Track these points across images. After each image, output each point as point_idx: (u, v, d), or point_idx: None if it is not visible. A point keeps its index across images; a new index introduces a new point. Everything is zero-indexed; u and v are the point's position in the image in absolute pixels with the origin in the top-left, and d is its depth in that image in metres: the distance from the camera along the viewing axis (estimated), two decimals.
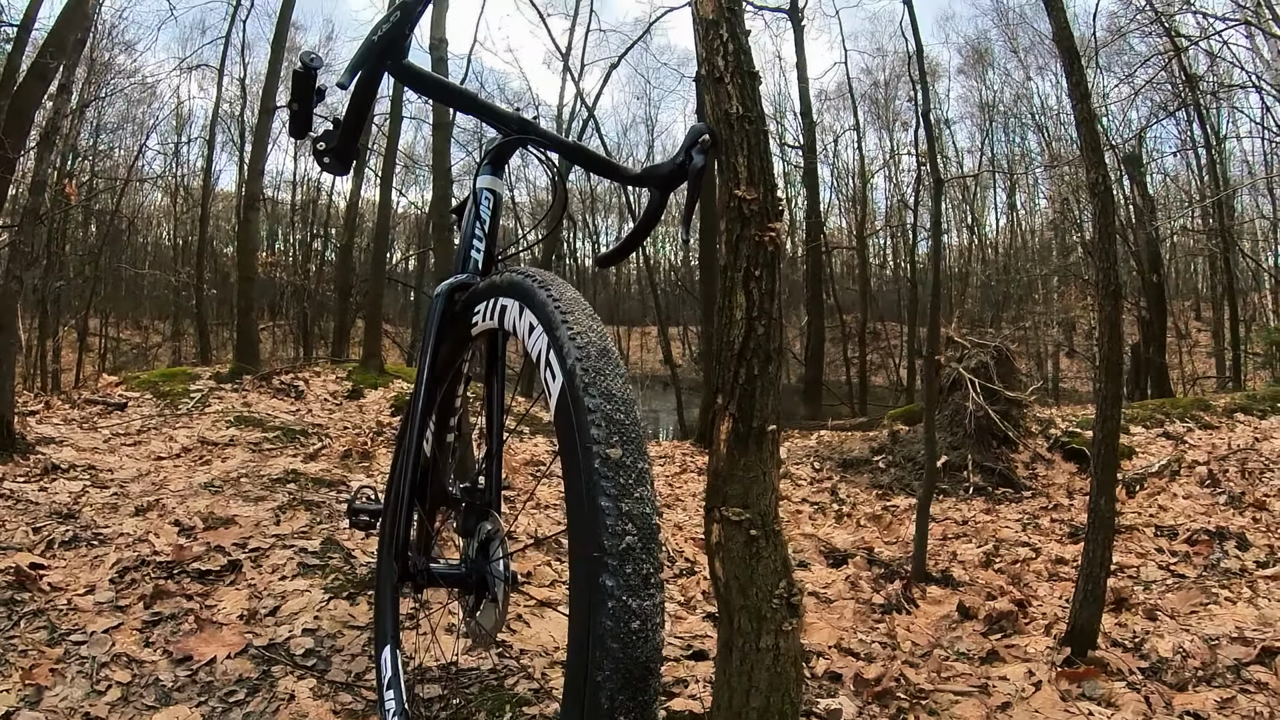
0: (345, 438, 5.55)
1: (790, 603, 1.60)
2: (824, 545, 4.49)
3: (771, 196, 1.60)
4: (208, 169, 18.08)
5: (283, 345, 20.36)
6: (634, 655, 0.85)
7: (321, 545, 2.94)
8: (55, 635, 2.17)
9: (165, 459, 4.58)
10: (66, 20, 5.91)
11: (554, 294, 1.12)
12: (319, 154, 1.54)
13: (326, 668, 2.10)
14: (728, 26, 1.63)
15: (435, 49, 4.86)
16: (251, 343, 9.25)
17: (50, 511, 3.19)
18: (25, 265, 4.87)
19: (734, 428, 1.61)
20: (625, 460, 0.93)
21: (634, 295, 32.03)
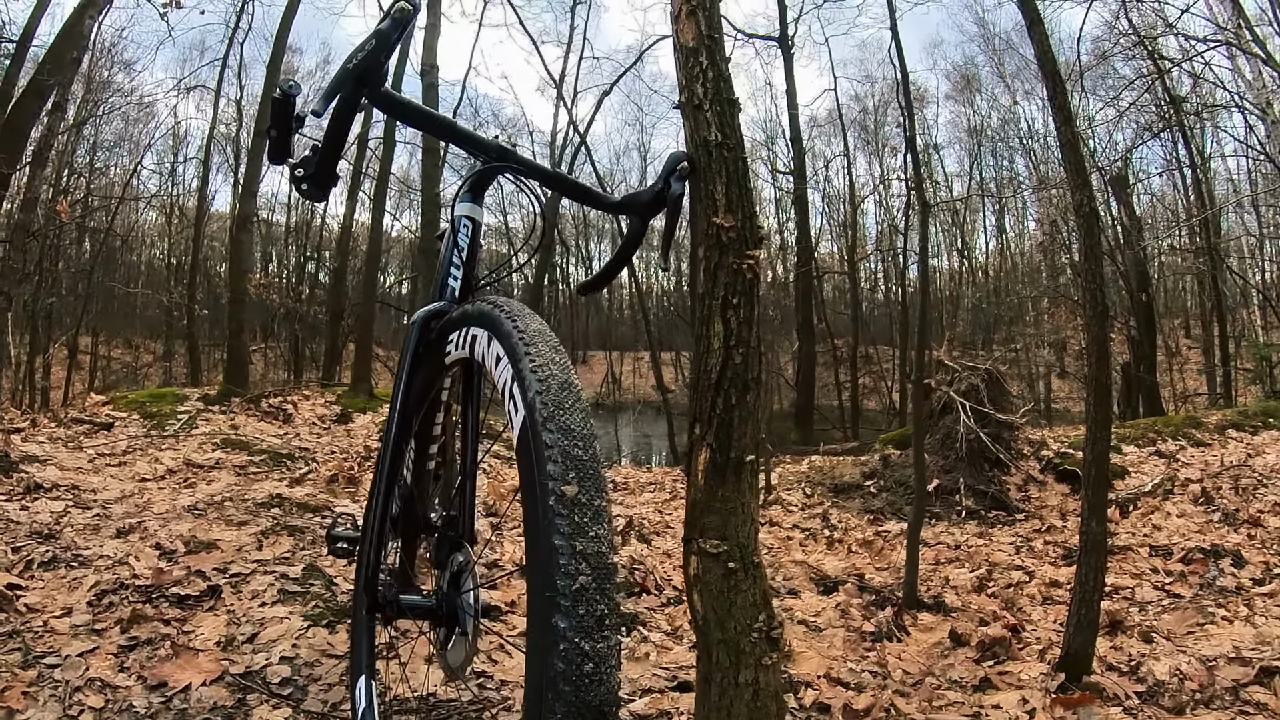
0: (332, 462, 5.51)
1: (770, 636, 1.58)
2: (815, 572, 4.45)
3: (750, 224, 1.60)
4: (203, 189, 18.14)
5: (274, 367, 20.33)
6: (586, 699, 0.83)
7: (303, 572, 2.90)
8: (29, 658, 2.14)
9: (149, 480, 4.54)
10: (65, 37, 5.94)
11: (519, 325, 1.10)
12: (297, 180, 1.52)
13: (303, 697, 2.06)
14: (707, 54, 1.64)
15: (426, 74, 4.92)
16: (241, 364, 9.22)
17: (31, 531, 3.16)
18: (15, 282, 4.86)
19: (711, 458, 1.60)
20: (581, 498, 0.91)
21: (627, 320, 32.11)
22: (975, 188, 22.87)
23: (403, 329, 19.99)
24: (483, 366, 1.18)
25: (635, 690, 2.32)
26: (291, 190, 22.83)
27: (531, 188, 1.70)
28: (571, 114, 14.72)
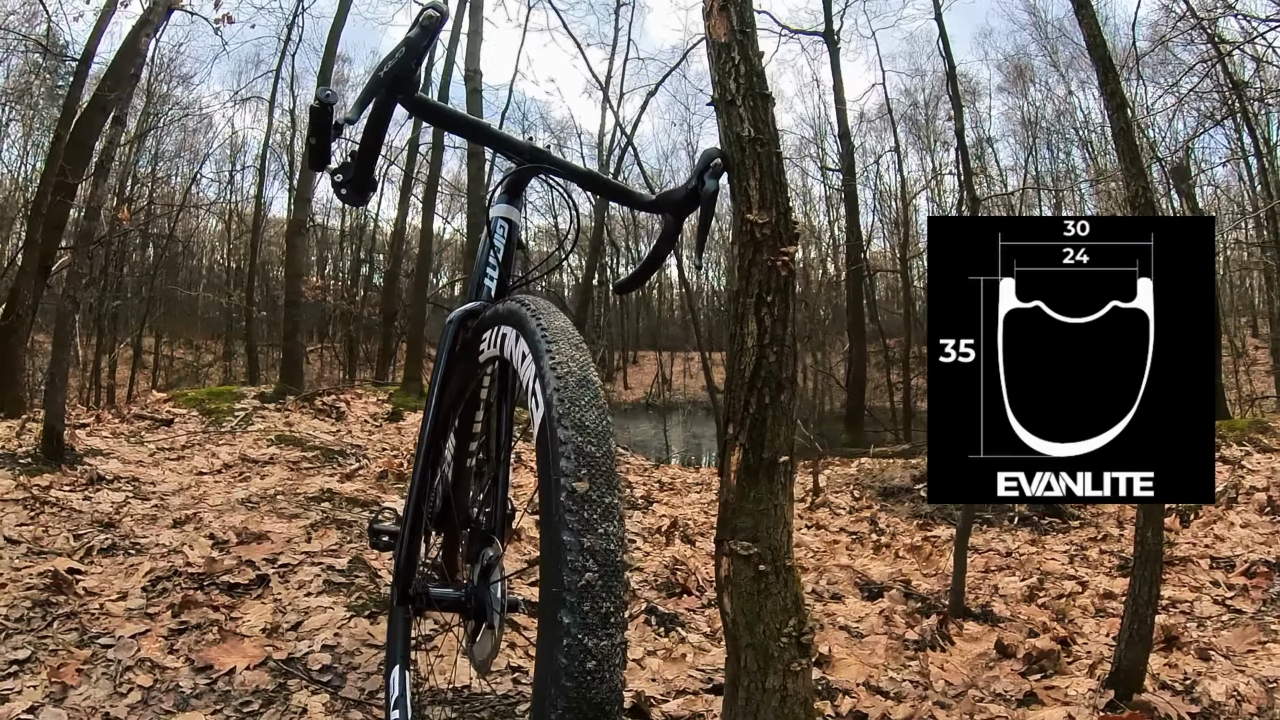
0: (382, 459, 5.61)
1: (800, 642, 1.56)
2: (860, 577, 4.39)
3: (785, 220, 1.59)
4: (259, 196, 18.78)
5: (330, 367, 20.83)
6: (588, 696, 0.83)
7: (349, 564, 2.97)
8: (85, 637, 2.25)
9: (206, 474, 4.68)
10: (124, 55, 6.22)
11: (543, 323, 1.11)
12: (337, 186, 1.56)
13: (341, 684, 2.12)
14: (739, 49, 1.63)
15: (470, 80, 4.99)
16: (296, 364, 9.47)
17: (92, 520, 3.30)
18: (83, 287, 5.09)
19: (744, 459, 1.58)
20: (592, 494, 0.91)
21: (677, 320, 32.03)
22: (1031, 181, 22.14)
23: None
24: (511, 364, 1.19)
25: (670, 691, 2.31)
26: None
27: (566, 188, 1.71)
28: (618, 116, 14.80)
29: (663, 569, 3.53)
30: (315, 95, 1.46)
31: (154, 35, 6.62)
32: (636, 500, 5.46)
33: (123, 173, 15.20)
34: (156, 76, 15.19)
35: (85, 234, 5.34)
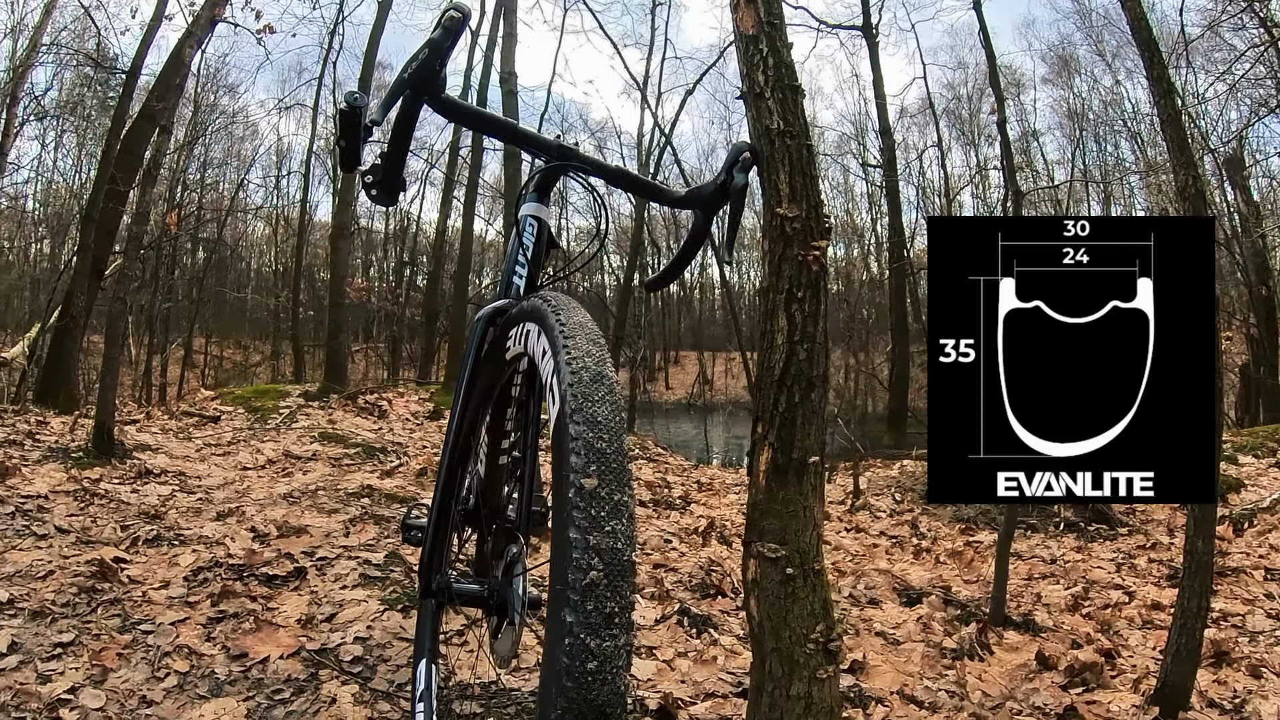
0: (422, 456, 5.67)
1: (827, 649, 1.53)
2: (898, 582, 4.32)
3: (816, 214, 1.56)
4: (304, 200, 19.14)
5: (374, 367, 21.17)
6: (588, 697, 0.82)
7: (385, 558, 3.01)
8: (127, 623, 2.33)
9: (250, 469, 4.78)
10: (170, 67, 6.44)
11: (562, 318, 1.11)
12: (367, 186, 1.58)
13: (371, 676, 2.16)
14: (767, 41, 1.61)
15: (505, 82, 5.03)
16: (340, 363, 9.65)
17: (139, 512, 3.40)
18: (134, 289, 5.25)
19: (773, 458, 1.56)
20: (600, 491, 0.90)
21: (718, 320, 31.87)
22: (1078, 174, 21.46)
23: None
24: (534, 360, 1.19)
25: (698, 693, 2.30)
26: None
27: (594, 185, 1.71)
28: (656, 115, 14.75)
29: (697, 570, 3.51)
30: (343, 98, 1.48)
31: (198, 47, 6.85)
32: (674, 500, 5.44)
33: (172, 179, 15.68)
34: (203, 86, 15.61)
35: (135, 239, 5.54)
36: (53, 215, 19.15)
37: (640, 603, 3.01)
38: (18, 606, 2.35)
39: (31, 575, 2.58)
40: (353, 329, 17.87)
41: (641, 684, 2.32)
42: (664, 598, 3.12)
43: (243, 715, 1.94)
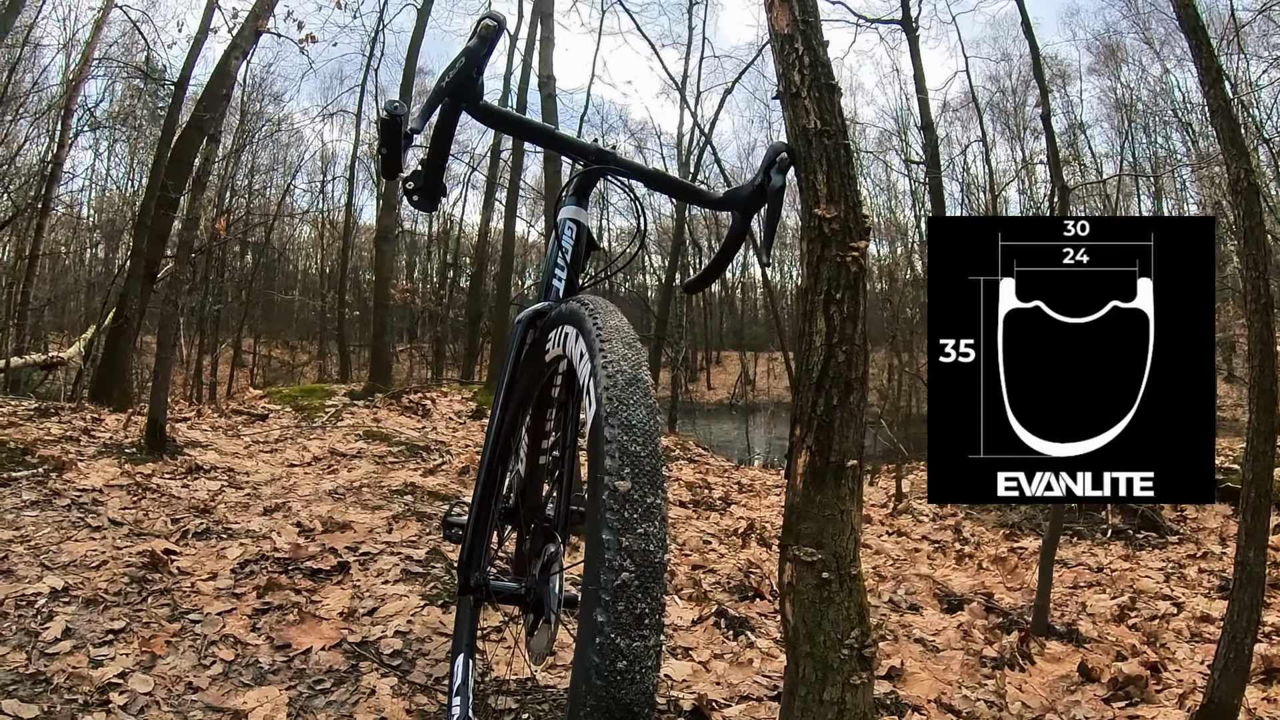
0: (465, 455, 5.73)
1: (862, 655, 1.52)
2: (940, 588, 4.25)
3: (854, 214, 1.55)
4: (349, 204, 19.63)
5: (418, 367, 21.48)
6: (617, 696, 0.83)
7: (427, 555, 3.06)
8: (175, 612, 2.41)
9: (297, 466, 4.88)
10: (217, 78, 6.66)
11: (599, 322, 1.12)
12: (408, 193, 1.62)
13: (409, 669, 2.20)
14: (803, 39, 1.60)
15: (544, 86, 5.07)
16: (385, 363, 9.81)
17: (189, 506, 3.49)
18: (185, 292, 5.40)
19: (810, 461, 1.56)
20: (634, 494, 0.91)
21: (760, 320, 31.65)
22: (1127, 167, 20.78)
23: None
24: (572, 363, 1.20)
25: (733, 695, 2.29)
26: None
27: (633, 188, 1.72)
28: (695, 115, 14.71)
29: (736, 571, 3.50)
30: (384, 107, 1.52)
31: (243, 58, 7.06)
32: (714, 501, 5.44)
33: (221, 186, 16.10)
34: (249, 95, 16.07)
35: (186, 243, 5.72)
36: (106, 221, 19.87)
37: (677, 603, 3.02)
38: (72, 594, 2.44)
39: (85, 565, 2.68)
40: (397, 330, 18.17)
41: (676, 684, 2.32)
42: (702, 599, 3.12)
43: (285, 704, 1.99)
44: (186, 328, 15.07)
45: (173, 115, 9.24)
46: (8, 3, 7.78)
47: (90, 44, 12.90)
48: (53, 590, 2.45)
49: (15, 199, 13.75)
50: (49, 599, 2.40)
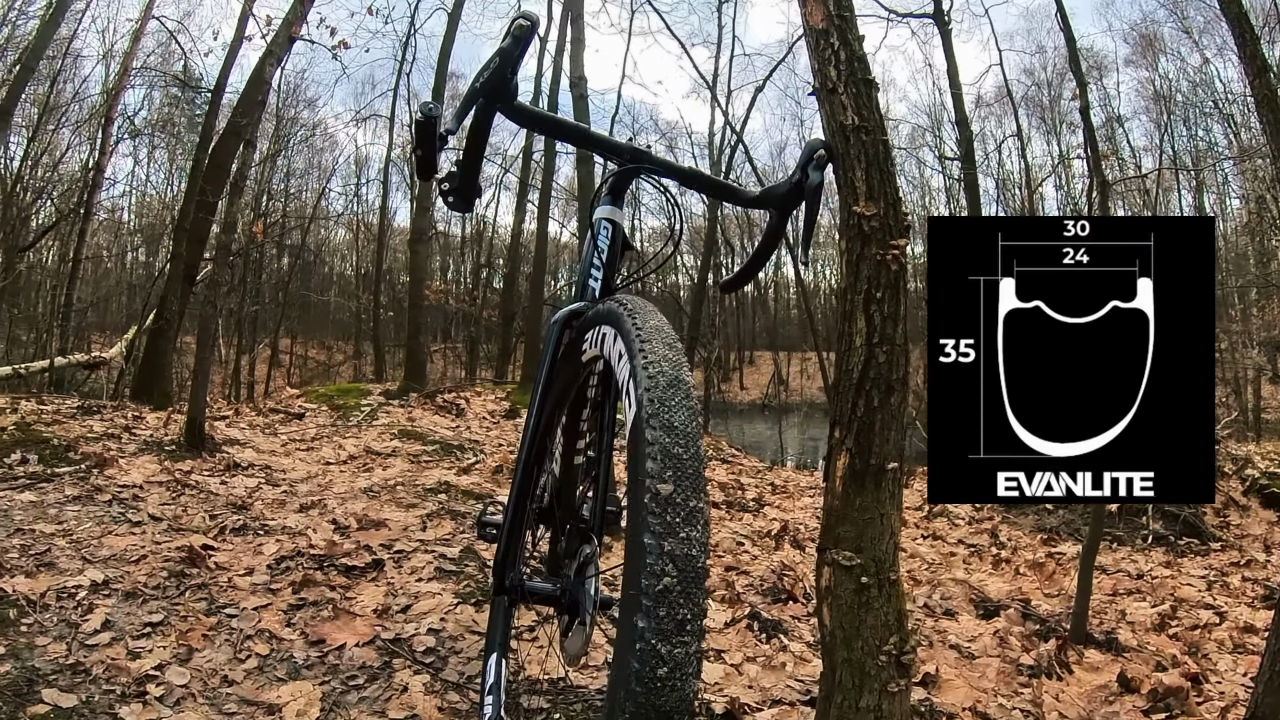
0: (498, 454, 5.76)
1: (900, 661, 1.49)
2: (975, 593, 4.18)
3: (894, 211, 1.53)
4: (383, 206, 19.93)
5: (452, 366, 21.70)
6: (656, 703, 0.81)
7: (460, 553, 3.08)
8: (212, 607, 2.45)
9: (333, 464, 4.94)
10: (252, 84, 6.78)
11: (638, 322, 1.11)
12: (444, 194, 1.62)
13: (442, 666, 2.21)
14: (838, 34, 1.58)
15: (575, 86, 5.09)
16: (420, 363, 9.92)
17: (227, 502, 3.56)
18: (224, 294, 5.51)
19: (850, 464, 1.54)
20: (676, 497, 0.89)
21: (794, 320, 31.42)
22: (1167, 161, 20.19)
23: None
24: (610, 363, 1.19)
25: (765, 699, 2.27)
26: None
27: (667, 187, 1.70)
28: (727, 114, 14.65)
29: (769, 573, 3.47)
30: (419, 108, 1.52)
31: (278, 64, 7.20)
32: (747, 502, 5.41)
33: (258, 190, 16.46)
34: (284, 101, 16.36)
35: (224, 246, 5.84)
36: (146, 225, 20.40)
37: (710, 605, 3.00)
38: (112, 587, 2.50)
39: (125, 559, 2.74)
40: (431, 330, 18.39)
41: (708, 687, 2.30)
42: (734, 601, 3.10)
43: (318, 698, 2.01)
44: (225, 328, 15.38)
45: (210, 122, 9.47)
46: (47, 15, 8.00)
47: (129, 54, 13.30)
48: (93, 583, 2.51)
49: (58, 205, 14.19)
50: (89, 592, 2.45)
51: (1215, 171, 19.94)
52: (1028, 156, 21.46)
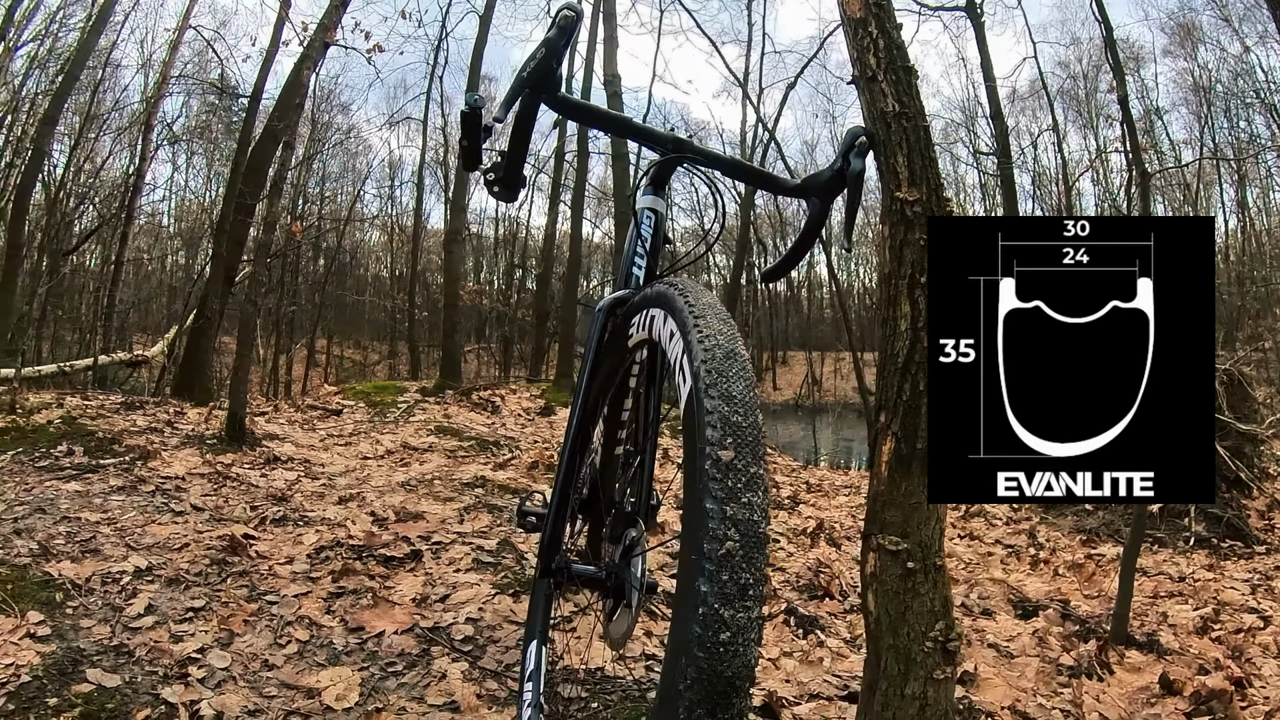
0: (534, 450, 5.79)
1: (946, 648, 1.48)
2: (1014, 593, 4.12)
3: (937, 197, 1.52)
4: (418, 208, 20.21)
5: (486, 366, 21.91)
6: (719, 669, 0.80)
7: (498, 545, 3.11)
8: (253, 594, 2.51)
9: (370, 459, 5.00)
10: (289, 90, 6.92)
11: (690, 300, 1.11)
12: (489, 184, 1.64)
13: (480, 655, 2.23)
14: (876, 22, 1.58)
15: (609, 84, 5.11)
16: (455, 361, 10.03)
17: (267, 494, 3.62)
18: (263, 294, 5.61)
19: (896, 448, 1.53)
20: (737, 463, 0.89)
21: (827, 319, 31.20)
22: (1207, 154, 19.63)
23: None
24: (659, 345, 1.20)
25: (803, 694, 2.26)
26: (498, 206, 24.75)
27: (709, 175, 1.71)
28: (759, 111, 14.59)
29: (805, 570, 3.46)
30: (465, 100, 1.54)
31: (314, 68, 7.33)
32: (783, 501, 5.38)
33: (294, 193, 16.80)
34: (319, 106, 16.69)
35: (263, 247, 5.96)
36: (186, 229, 20.91)
37: None
38: (155, 574, 2.56)
39: (169, 547, 2.81)
40: (466, 329, 18.60)
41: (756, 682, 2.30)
42: (771, 597, 3.09)
43: (357, 684, 2.04)
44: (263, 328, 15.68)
45: (248, 126, 9.72)
46: (88, 27, 8.23)
47: (167, 63, 13.72)
48: (137, 569, 2.57)
49: (101, 210, 14.61)
50: (133, 577, 2.52)
51: (1258, 164, 19.39)
52: (1064, 151, 20.99)
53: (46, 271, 12.80)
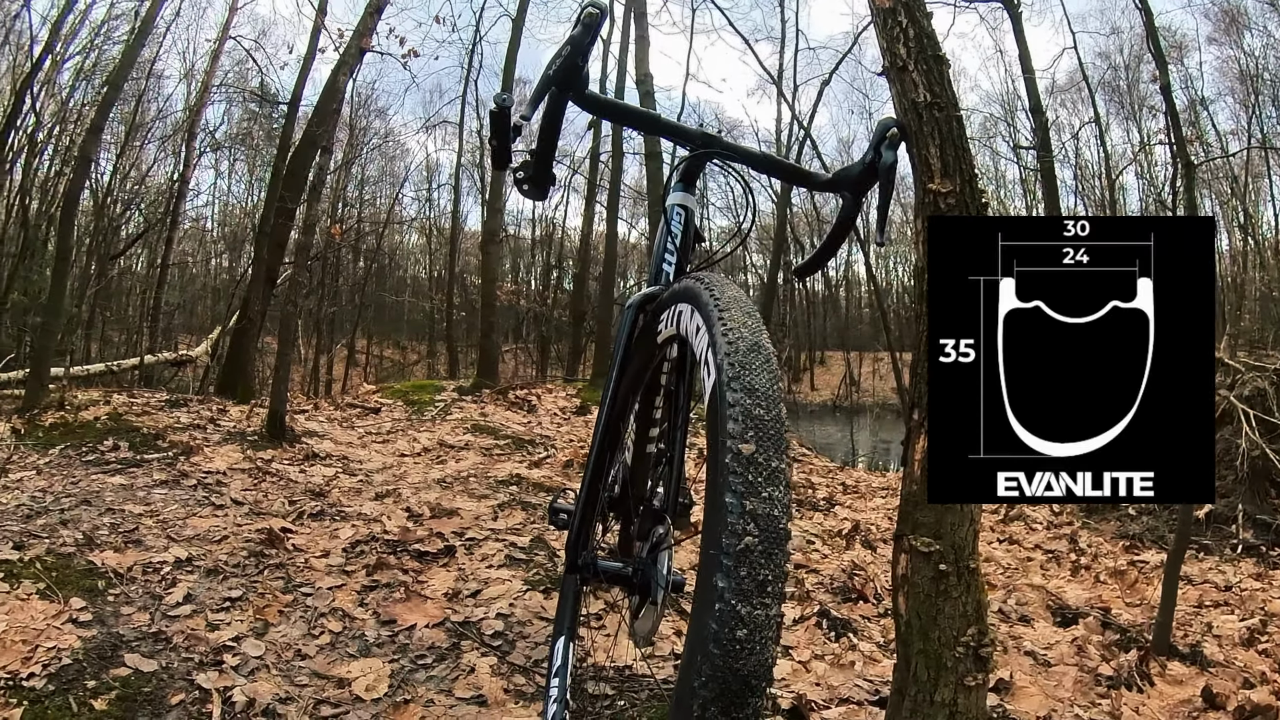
0: (569, 449, 5.81)
1: (978, 654, 1.45)
2: (1053, 600, 4.04)
3: (970, 188, 1.49)
4: (455, 210, 20.51)
5: (523, 365, 22.07)
6: (734, 666, 0.78)
7: (530, 542, 3.13)
8: (289, 585, 2.56)
9: (407, 456, 5.07)
10: (326, 95, 7.09)
11: (715, 294, 1.10)
12: (518, 182, 1.65)
13: (509, 650, 2.25)
14: (905, 12, 1.56)
15: (642, 84, 5.12)
16: (492, 361, 10.12)
17: (305, 489, 3.70)
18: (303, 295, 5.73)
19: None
20: (758, 457, 0.87)
21: (865, 319, 30.80)
22: (1254, 144, 18.90)
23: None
24: (687, 340, 1.19)
25: (832, 698, 2.23)
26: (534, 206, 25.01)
27: (740, 171, 1.70)
28: (794, 108, 14.48)
29: (839, 572, 3.42)
30: (493, 99, 1.55)
31: (350, 74, 7.47)
32: (818, 501, 5.33)
33: (334, 197, 17.12)
34: (356, 112, 17.02)
35: (303, 249, 6.09)
36: (229, 233, 21.40)
37: None
38: (194, 564, 2.63)
39: (208, 539, 2.88)
40: (503, 330, 18.77)
41: (775, 682, 2.28)
42: (804, 599, 3.06)
43: (387, 675, 2.08)
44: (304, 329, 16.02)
45: (287, 132, 9.98)
46: (131, 39, 8.48)
47: (208, 73, 14.15)
48: (177, 560, 2.64)
49: (146, 215, 15.08)
50: (173, 567, 2.59)
51: None
52: (1106, 144, 20.39)
53: (95, 275, 13.21)
